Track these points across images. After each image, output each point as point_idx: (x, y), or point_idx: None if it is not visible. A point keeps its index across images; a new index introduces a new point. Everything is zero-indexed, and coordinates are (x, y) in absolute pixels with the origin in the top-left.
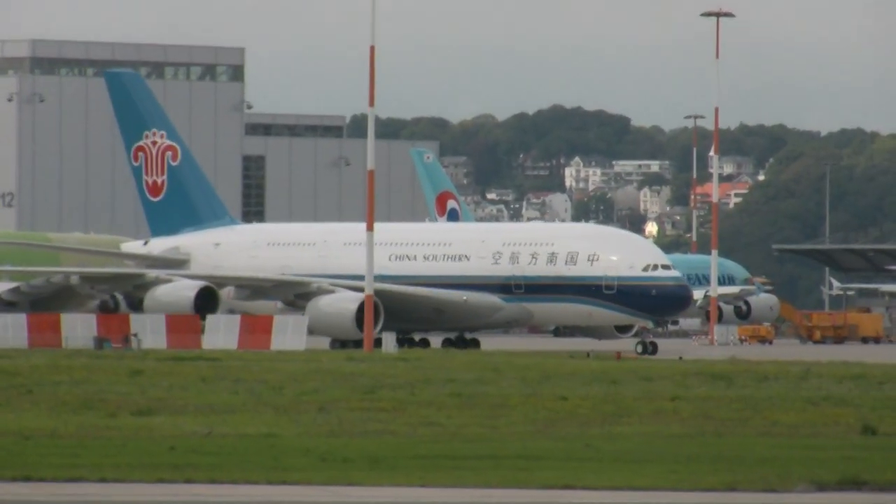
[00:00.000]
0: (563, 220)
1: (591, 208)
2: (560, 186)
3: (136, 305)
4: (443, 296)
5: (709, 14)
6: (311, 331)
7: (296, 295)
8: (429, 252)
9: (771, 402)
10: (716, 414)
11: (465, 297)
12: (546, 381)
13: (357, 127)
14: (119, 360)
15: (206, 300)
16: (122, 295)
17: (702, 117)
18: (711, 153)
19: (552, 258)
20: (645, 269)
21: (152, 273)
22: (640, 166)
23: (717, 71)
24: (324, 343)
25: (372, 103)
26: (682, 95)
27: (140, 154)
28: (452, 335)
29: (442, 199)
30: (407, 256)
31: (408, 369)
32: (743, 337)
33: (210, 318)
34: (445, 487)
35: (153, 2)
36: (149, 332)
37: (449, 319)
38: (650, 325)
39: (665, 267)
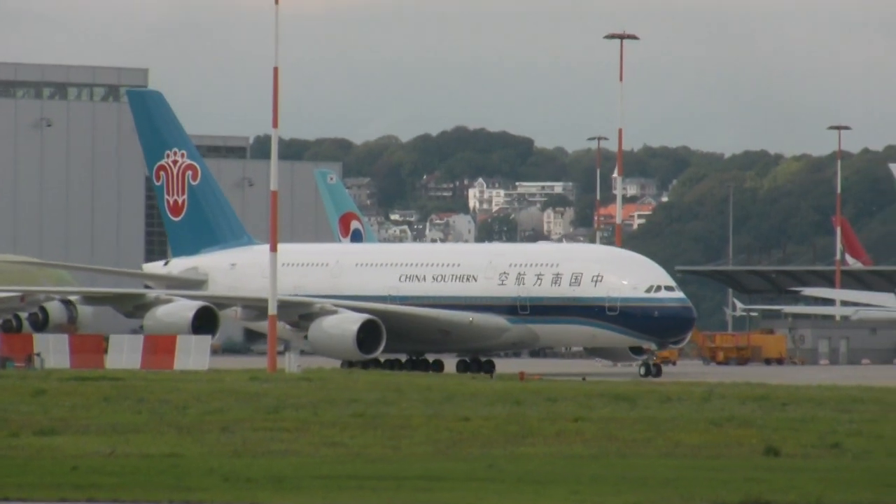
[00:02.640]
0: (466, 241)
1: (495, 229)
2: (463, 207)
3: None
4: (448, 317)
5: (612, 36)
6: (315, 351)
7: (300, 315)
8: (437, 273)
9: (674, 423)
10: (619, 435)
11: (470, 319)
12: (449, 401)
13: (260, 148)
14: (22, 379)
15: (206, 320)
16: (26, 315)
17: (605, 139)
18: (615, 174)
19: (557, 279)
20: (648, 291)
21: (152, 293)
22: (543, 188)
23: (620, 93)
24: (331, 363)
25: (275, 124)
26: (586, 117)
27: (161, 173)
28: (467, 357)
29: (345, 220)
30: (416, 277)
31: (311, 389)
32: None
33: (114, 337)
34: None
35: (57, 22)
36: (52, 352)
37: (455, 340)
38: (654, 347)
39: (669, 288)
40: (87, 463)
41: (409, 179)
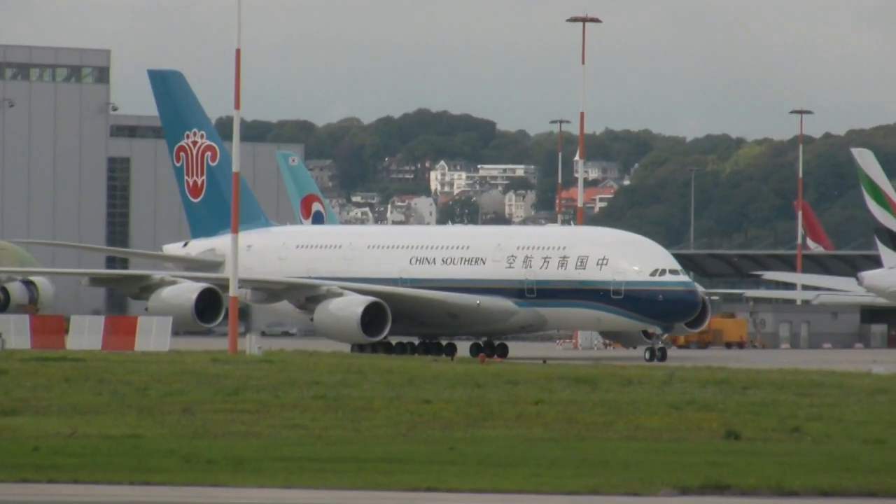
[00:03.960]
0: (428, 224)
1: (456, 212)
2: (425, 190)
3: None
4: (455, 300)
5: (575, 19)
6: (321, 334)
7: (306, 298)
8: (447, 255)
9: (635, 407)
10: (579, 418)
11: (477, 302)
12: (410, 384)
13: (223, 129)
14: None
15: (210, 302)
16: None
17: (567, 122)
18: (577, 158)
19: (563, 262)
20: (653, 274)
21: (158, 274)
22: (505, 170)
23: (583, 76)
24: (339, 346)
25: (238, 106)
26: (548, 100)
27: (182, 154)
28: (480, 340)
29: (307, 202)
30: (427, 260)
31: (272, 371)
32: (607, 341)
33: (75, 318)
34: (309, 489)
35: (19, 3)
36: (13, 332)
37: (463, 324)
38: (659, 331)
39: (673, 272)
40: (48, 444)
41: (370, 162)
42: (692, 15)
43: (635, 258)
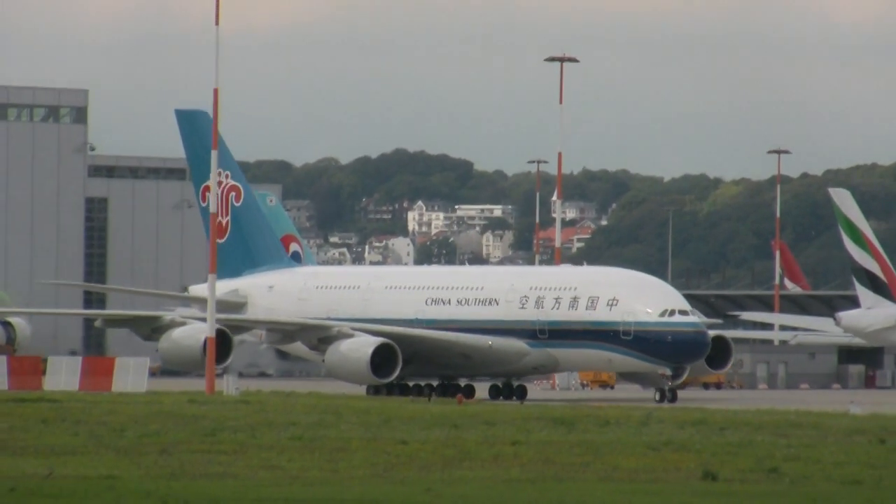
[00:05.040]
0: (406, 264)
1: (434, 252)
2: (403, 230)
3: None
4: (467, 341)
5: (553, 59)
6: (332, 375)
7: (318, 339)
8: (461, 296)
9: (612, 448)
10: (556, 458)
11: (489, 343)
12: (386, 424)
13: None
14: None
15: (219, 343)
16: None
17: (545, 162)
18: (554, 198)
19: (574, 303)
20: (662, 315)
21: (168, 315)
22: (482, 211)
23: (560, 116)
24: (353, 388)
25: (215, 146)
26: (526, 140)
27: (207, 194)
28: (499, 382)
29: (285, 242)
30: (441, 300)
31: (249, 412)
32: (585, 381)
33: (52, 359)
34: None
35: None
36: None
37: (476, 365)
38: (668, 372)
39: (683, 312)
40: (25, 484)
41: (348, 202)
42: (669, 55)
43: (645, 299)
